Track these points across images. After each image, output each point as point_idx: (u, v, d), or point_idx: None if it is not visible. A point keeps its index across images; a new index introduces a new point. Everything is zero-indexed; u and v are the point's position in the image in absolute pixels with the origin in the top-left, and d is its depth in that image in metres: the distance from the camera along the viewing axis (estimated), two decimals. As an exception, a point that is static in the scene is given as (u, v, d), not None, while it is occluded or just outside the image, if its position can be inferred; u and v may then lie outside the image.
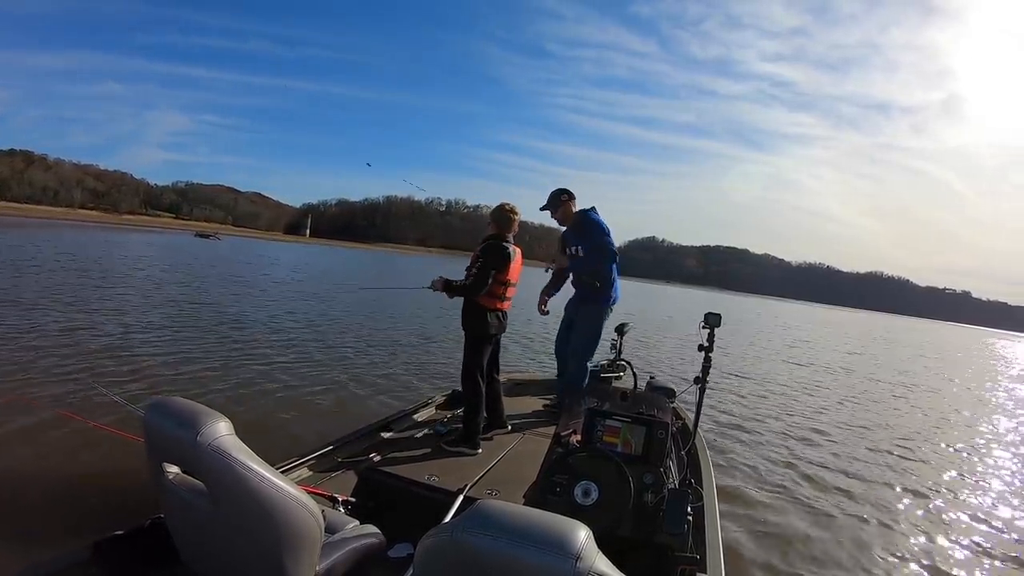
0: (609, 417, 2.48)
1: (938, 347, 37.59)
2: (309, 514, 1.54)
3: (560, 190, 4.50)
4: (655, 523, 2.26)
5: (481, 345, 3.70)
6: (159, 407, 1.53)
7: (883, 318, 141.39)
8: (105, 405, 4.96)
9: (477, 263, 3.59)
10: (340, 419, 5.59)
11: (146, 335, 8.64)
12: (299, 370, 7.54)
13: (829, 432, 7.81)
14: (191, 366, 7.06)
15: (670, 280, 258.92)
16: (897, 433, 8.36)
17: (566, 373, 4.61)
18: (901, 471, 6.38)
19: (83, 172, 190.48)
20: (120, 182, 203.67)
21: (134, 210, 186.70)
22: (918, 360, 23.79)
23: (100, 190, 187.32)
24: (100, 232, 53.87)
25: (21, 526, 3.05)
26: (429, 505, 2.73)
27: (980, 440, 8.59)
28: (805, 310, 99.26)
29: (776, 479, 5.53)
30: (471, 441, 3.55)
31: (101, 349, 7.40)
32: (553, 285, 4.85)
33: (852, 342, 29.37)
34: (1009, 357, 37.02)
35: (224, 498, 1.46)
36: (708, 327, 2.94)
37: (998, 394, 15.13)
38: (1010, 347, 57.95)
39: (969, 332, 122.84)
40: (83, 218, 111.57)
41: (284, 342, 9.46)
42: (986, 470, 6.92)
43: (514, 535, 0.92)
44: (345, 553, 1.80)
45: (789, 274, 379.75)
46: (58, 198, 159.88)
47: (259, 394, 6.27)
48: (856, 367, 16.99)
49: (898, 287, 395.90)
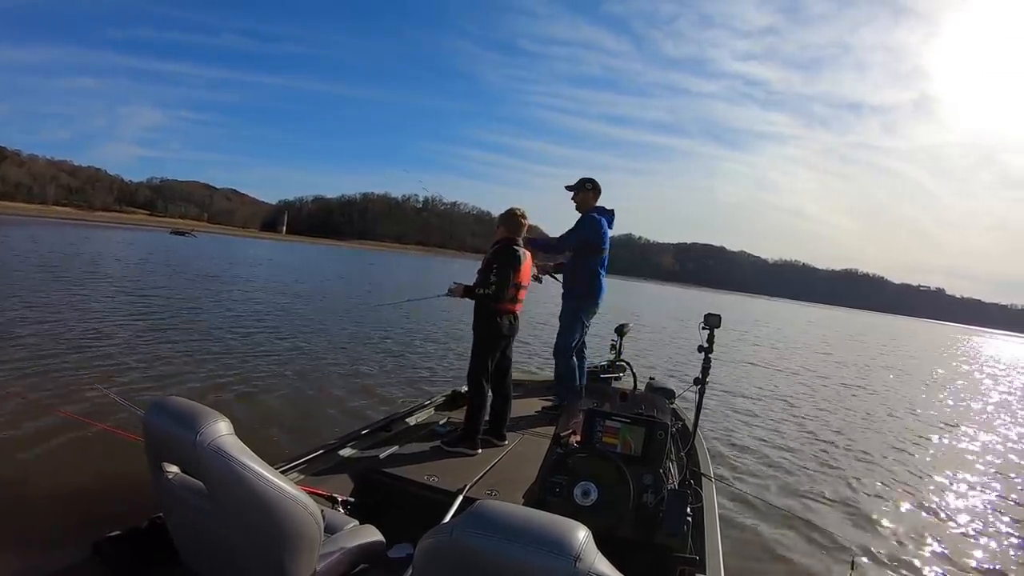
0: (609, 418, 2.48)
1: (937, 347, 38.07)
2: (308, 514, 1.53)
3: (587, 179, 4.61)
4: (655, 524, 2.27)
5: (491, 347, 3.67)
6: (159, 407, 1.52)
7: (861, 316, 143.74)
8: (105, 405, 4.92)
9: (493, 269, 3.57)
10: (340, 419, 5.60)
11: (145, 335, 8.55)
12: (299, 370, 7.51)
13: (829, 432, 7.92)
14: (190, 366, 7.00)
15: (646, 277, 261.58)
16: (897, 432, 8.52)
17: (555, 372, 4.67)
18: (901, 470, 6.49)
19: (57, 168, 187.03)
20: (94, 178, 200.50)
21: (108, 207, 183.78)
22: (918, 361, 24.26)
23: (74, 186, 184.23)
24: (77, 230, 52.71)
25: (21, 526, 3.04)
26: (429, 505, 2.70)
27: (993, 453, 8.28)
28: (781, 308, 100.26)
29: (776, 479, 5.59)
30: (471, 441, 3.53)
31: (101, 349, 7.31)
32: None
33: (844, 343, 29.75)
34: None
35: (224, 498, 1.46)
36: (708, 328, 2.95)
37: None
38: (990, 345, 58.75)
39: (948, 330, 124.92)
40: (57, 215, 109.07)
41: (283, 342, 9.40)
42: (995, 481, 6.68)
43: (514, 535, 0.93)
44: (344, 553, 1.79)
45: (765, 271, 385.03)
46: (31, 194, 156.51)
47: (259, 394, 6.24)
48: (851, 369, 17.19)
49: (873, 284, 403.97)
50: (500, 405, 3.79)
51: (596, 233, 4.47)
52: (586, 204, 4.58)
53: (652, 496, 2.31)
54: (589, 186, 4.58)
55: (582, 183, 4.59)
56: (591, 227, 4.48)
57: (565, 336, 4.53)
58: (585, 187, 4.58)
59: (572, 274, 4.57)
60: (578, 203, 4.61)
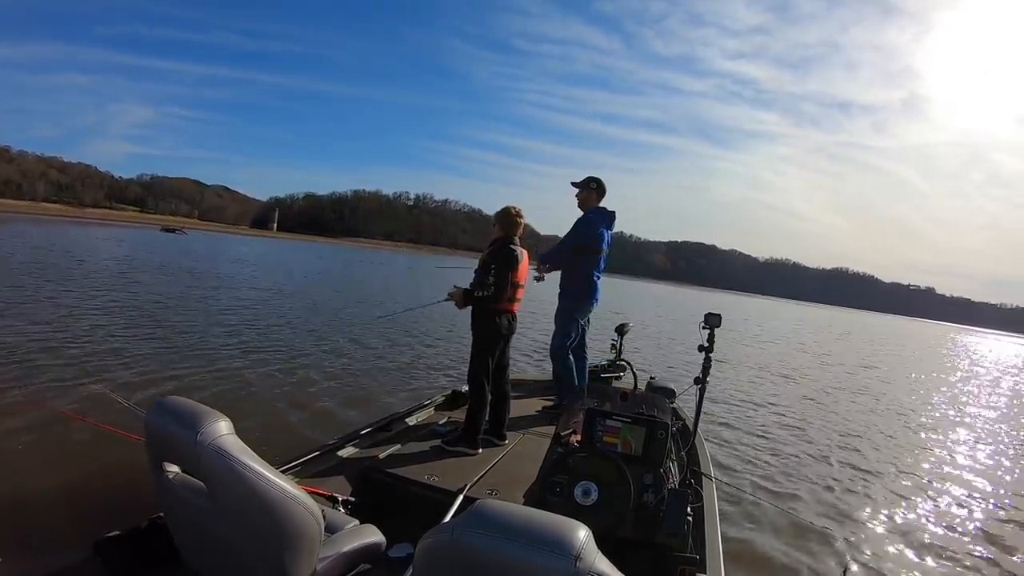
0: (609, 417, 2.47)
1: (931, 346, 38.30)
2: (309, 514, 1.54)
3: (593, 178, 4.60)
4: (655, 523, 2.27)
5: (490, 347, 3.67)
6: (160, 407, 1.52)
7: (854, 315, 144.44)
8: (105, 404, 4.90)
9: (491, 269, 3.56)
10: (340, 419, 5.58)
11: (144, 335, 8.48)
12: (298, 370, 7.47)
13: (829, 432, 7.96)
14: (190, 366, 6.95)
15: (639, 276, 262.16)
16: (897, 432, 8.59)
17: (553, 372, 4.69)
18: (901, 470, 6.52)
19: (47, 164, 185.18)
20: (84, 175, 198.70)
21: (99, 204, 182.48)
22: (916, 361, 24.43)
23: (64, 183, 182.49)
24: (67, 227, 52.30)
25: (21, 526, 3.04)
26: (429, 505, 2.70)
27: (993, 454, 8.27)
28: (774, 307, 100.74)
29: (776, 479, 5.60)
30: (471, 441, 3.52)
31: (100, 349, 7.25)
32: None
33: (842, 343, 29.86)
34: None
35: (224, 498, 1.46)
36: (708, 327, 2.94)
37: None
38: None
39: (940, 329, 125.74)
40: (46, 212, 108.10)
41: (283, 343, 9.35)
42: (994, 481, 6.70)
43: (514, 535, 0.93)
44: (345, 553, 1.79)
45: (756, 270, 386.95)
46: (21, 191, 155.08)
47: (259, 394, 6.21)
48: (850, 369, 17.25)
49: (864, 283, 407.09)
50: (499, 404, 3.78)
51: (588, 235, 4.48)
52: (587, 203, 4.58)
53: (652, 496, 2.31)
54: (594, 186, 4.57)
55: (587, 182, 4.59)
56: (584, 229, 4.49)
57: (560, 336, 4.55)
58: (590, 186, 4.57)
59: (566, 274, 4.57)
60: (580, 201, 4.61)
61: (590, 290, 4.55)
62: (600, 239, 4.50)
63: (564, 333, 4.53)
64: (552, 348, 4.58)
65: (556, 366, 4.57)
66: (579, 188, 4.61)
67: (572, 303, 4.56)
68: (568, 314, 4.54)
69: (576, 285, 4.54)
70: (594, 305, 4.63)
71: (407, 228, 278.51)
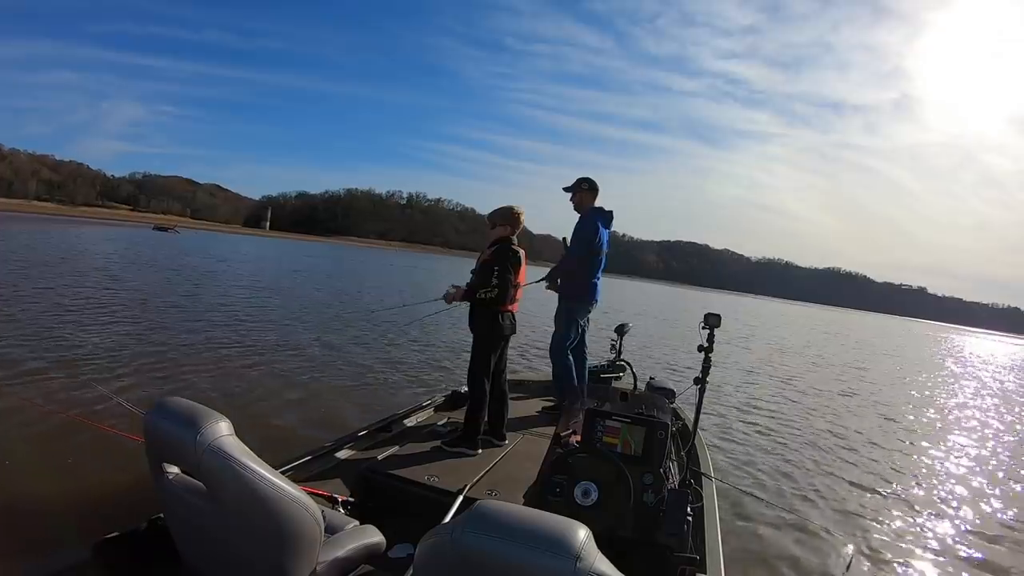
0: (609, 417, 2.47)
1: (926, 346, 38.40)
2: (309, 514, 1.53)
3: (584, 178, 4.59)
4: (655, 523, 2.27)
5: (490, 347, 3.66)
6: (160, 407, 1.51)
7: (849, 315, 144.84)
8: (105, 405, 4.88)
9: (495, 271, 3.54)
10: (340, 419, 5.56)
11: (143, 335, 8.43)
12: (299, 370, 7.44)
13: (829, 432, 7.97)
14: (190, 366, 6.92)
15: (631, 275, 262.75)
16: (897, 432, 8.60)
17: (552, 372, 4.69)
18: (900, 469, 6.54)
19: (38, 163, 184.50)
20: (76, 173, 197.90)
21: (91, 202, 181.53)
22: (914, 360, 24.56)
23: (56, 181, 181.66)
24: (58, 226, 51.95)
25: (21, 526, 3.02)
26: (429, 505, 2.69)
27: (992, 453, 8.23)
28: (769, 306, 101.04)
29: (776, 479, 5.61)
30: (471, 441, 3.51)
31: (99, 349, 7.19)
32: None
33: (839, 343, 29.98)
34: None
35: (224, 498, 1.45)
36: (708, 328, 2.94)
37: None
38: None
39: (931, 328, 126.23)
40: (38, 211, 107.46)
41: (283, 343, 9.31)
42: (992, 480, 6.66)
43: (514, 535, 0.93)
44: (345, 553, 1.78)
45: (748, 269, 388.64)
46: (12, 189, 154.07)
47: (259, 394, 6.18)
48: (849, 369, 17.29)
49: (856, 283, 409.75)
50: (498, 405, 3.78)
51: (592, 242, 4.47)
52: (583, 204, 4.56)
53: (652, 496, 2.31)
54: (586, 186, 4.56)
55: (579, 183, 4.57)
56: (585, 235, 4.47)
57: (559, 336, 4.54)
58: (581, 187, 4.56)
59: (565, 275, 4.58)
60: (576, 203, 4.60)
61: (589, 290, 4.55)
62: (599, 240, 4.50)
63: (564, 334, 4.53)
64: (552, 348, 4.58)
65: (556, 366, 4.56)
66: (571, 192, 4.60)
67: (572, 303, 4.55)
68: (568, 314, 4.54)
69: (575, 285, 4.54)
70: (594, 305, 4.63)
71: (400, 227, 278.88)
